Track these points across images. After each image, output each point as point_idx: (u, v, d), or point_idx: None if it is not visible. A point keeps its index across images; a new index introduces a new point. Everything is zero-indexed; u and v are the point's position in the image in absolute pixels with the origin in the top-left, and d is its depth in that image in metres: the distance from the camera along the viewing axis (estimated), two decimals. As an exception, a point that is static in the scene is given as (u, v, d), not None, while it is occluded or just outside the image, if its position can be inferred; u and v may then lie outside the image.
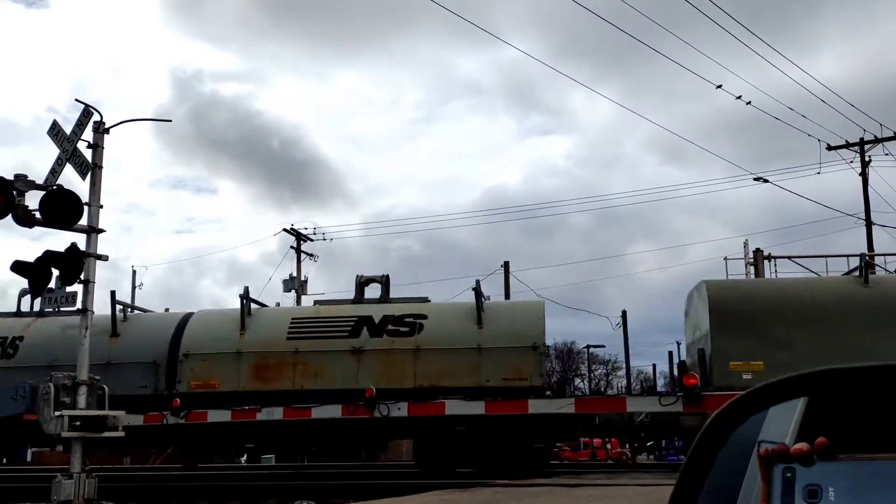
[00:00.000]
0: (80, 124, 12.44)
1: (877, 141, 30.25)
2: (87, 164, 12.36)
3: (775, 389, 1.04)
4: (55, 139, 12.46)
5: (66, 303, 12.53)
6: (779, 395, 1.03)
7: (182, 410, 17.21)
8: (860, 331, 15.26)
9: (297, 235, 39.59)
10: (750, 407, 1.05)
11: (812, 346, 15.14)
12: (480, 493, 12.05)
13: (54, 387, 12.10)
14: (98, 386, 12.47)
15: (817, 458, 0.85)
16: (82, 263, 12.12)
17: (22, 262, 12.23)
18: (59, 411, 11.88)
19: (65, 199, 11.89)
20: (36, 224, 11.77)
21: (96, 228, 12.29)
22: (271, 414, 17.05)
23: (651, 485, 12.29)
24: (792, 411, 1.02)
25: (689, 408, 15.37)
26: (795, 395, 1.02)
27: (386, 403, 16.55)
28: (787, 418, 1.02)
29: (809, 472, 0.84)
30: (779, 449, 0.87)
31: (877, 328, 15.27)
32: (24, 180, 11.68)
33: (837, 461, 0.84)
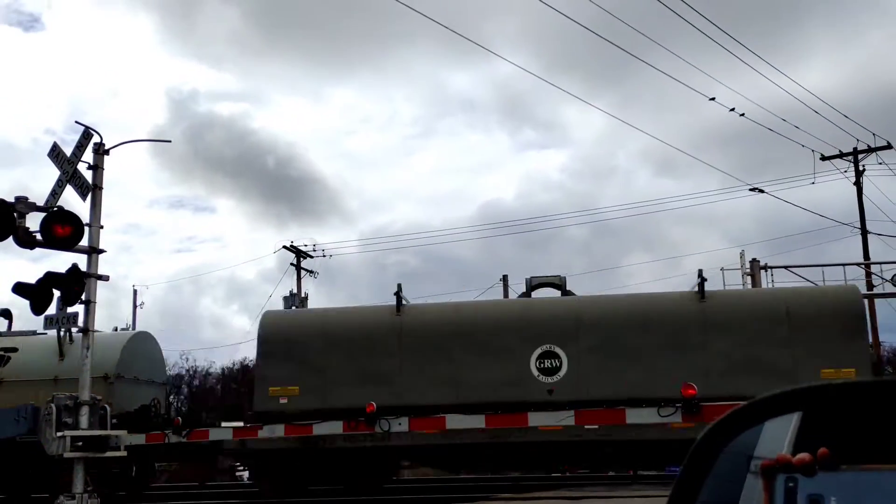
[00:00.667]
0: (80, 146, 12.52)
1: (870, 150, 30.42)
2: (88, 186, 12.42)
3: (768, 404, 1.05)
4: (55, 161, 12.54)
5: (67, 324, 12.54)
6: (772, 410, 1.04)
7: (184, 429, 17.19)
8: (393, 358, 16.32)
9: (297, 252, 39.61)
10: (743, 422, 1.07)
11: (342, 370, 16.29)
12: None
13: (56, 407, 12.11)
14: (100, 406, 12.49)
15: (819, 468, 0.85)
16: (83, 284, 12.16)
17: (23, 284, 12.28)
18: (61, 432, 11.89)
19: (65, 220, 11.95)
20: (37, 245, 11.83)
21: (97, 249, 12.35)
22: (273, 431, 17.02)
23: (652, 496, 12.29)
24: (787, 425, 1.04)
25: (688, 418, 15.37)
26: (789, 410, 1.03)
27: (387, 419, 16.54)
28: (782, 431, 1.04)
29: (811, 482, 0.85)
30: (781, 459, 0.88)
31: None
32: (24, 202, 11.75)
33: (839, 471, 0.85)
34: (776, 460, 0.88)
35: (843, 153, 30.62)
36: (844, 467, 0.86)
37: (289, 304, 37.82)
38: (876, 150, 30.37)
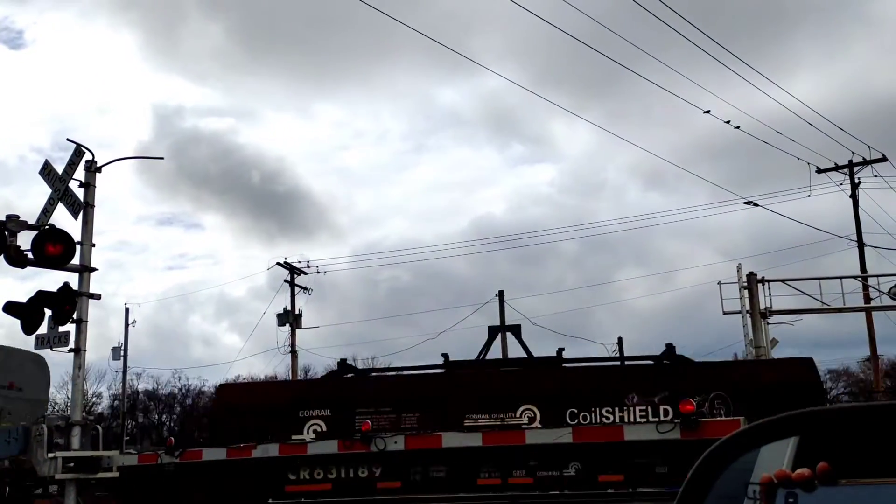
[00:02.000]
0: (72, 163, 12.47)
1: (866, 163, 30.52)
2: (79, 203, 12.37)
3: (766, 429, 1.06)
4: (47, 179, 12.48)
5: (58, 343, 12.44)
6: (770, 434, 1.04)
7: (177, 449, 17.02)
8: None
9: (291, 269, 39.55)
10: (741, 445, 1.06)
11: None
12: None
13: (47, 428, 12.00)
14: (92, 426, 12.37)
15: (819, 483, 0.85)
16: (75, 303, 12.08)
17: (14, 303, 12.19)
18: (52, 453, 11.77)
19: (57, 238, 11.88)
20: (28, 264, 11.76)
21: (88, 267, 12.27)
22: (267, 451, 16.87)
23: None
24: (784, 448, 1.03)
25: (687, 434, 15.30)
26: (786, 435, 1.04)
27: (382, 437, 16.43)
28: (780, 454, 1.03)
29: (811, 497, 0.84)
30: (781, 474, 0.87)
31: None
32: (15, 220, 11.68)
33: (839, 486, 0.84)
34: (776, 476, 0.86)
35: (838, 166, 30.70)
36: (843, 482, 0.83)
37: (282, 322, 37.77)
38: (871, 162, 30.47)
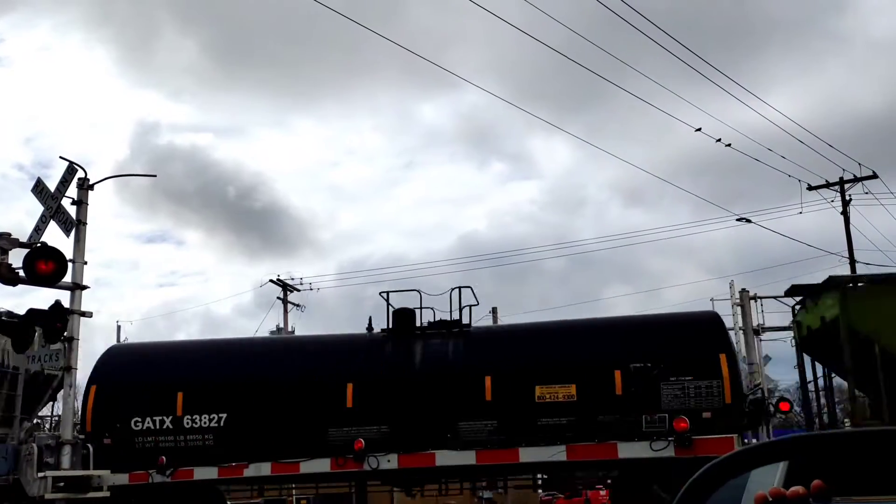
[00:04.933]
0: (65, 181, 12.45)
1: (857, 180, 30.66)
2: (72, 221, 12.34)
3: (755, 454, 1.06)
4: (39, 197, 12.45)
5: (49, 361, 12.37)
6: (759, 459, 1.04)
7: (168, 468, 16.89)
8: None
9: (284, 286, 39.50)
10: (729, 471, 1.06)
11: None
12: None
13: (38, 447, 11.89)
14: (82, 445, 12.27)
15: (813, 501, 0.85)
16: (66, 321, 12.01)
17: (5, 321, 12.12)
18: (42, 472, 11.66)
19: (49, 256, 11.83)
20: (20, 282, 11.69)
21: (80, 285, 12.23)
22: (259, 470, 16.76)
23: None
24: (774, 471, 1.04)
25: (681, 452, 15.26)
26: (775, 460, 1.04)
27: (375, 456, 16.33)
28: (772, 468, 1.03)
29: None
30: (775, 492, 0.87)
31: None
32: (7, 238, 11.64)
33: (834, 502, 0.84)
34: (770, 494, 0.85)
35: (829, 183, 30.84)
36: (838, 499, 0.83)
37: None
38: (862, 179, 30.62)
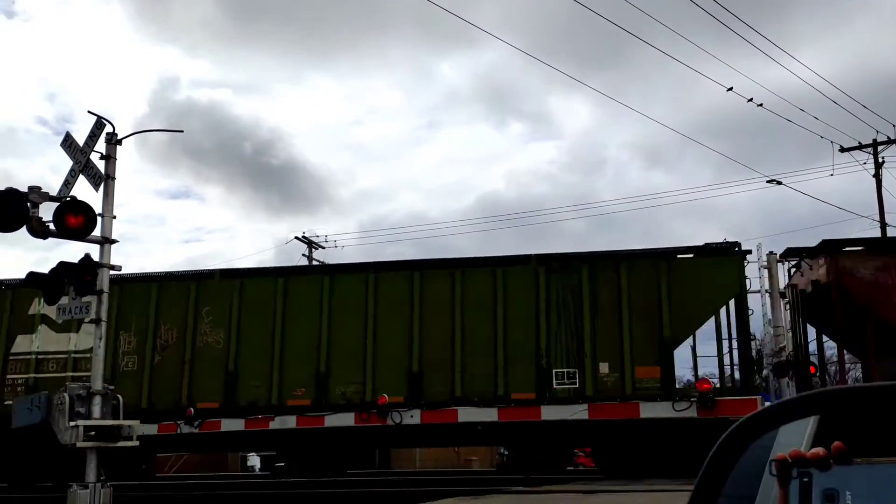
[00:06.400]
0: (93, 136, 12.52)
1: (890, 142, 30.08)
2: (100, 176, 12.43)
3: (785, 409, 1.04)
4: (68, 151, 12.56)
5: (80, 313, 12.58)
6: (790, 414, 1.03)
7: (196, 420, 17.27)
8: None
9: (309, 243, 39.74)
10: (760, 426, 1.05)
11: None
12: (496, 499, 12.01)
13: (69, 397, 12.16)
14: (112, 396, 12.53)
15: (833, 463, 0.84)
16: (96, 274, 12.19)
17: (37, 274, 12.33)
18: (73, 421, 11.93)
19: (78, 210, 11.97)
20: (50, 236, 11.86)
21: (109, 239, 12.37)
22: (285, 423, 17.09)
23: (666, 491, 12.22)
24: (804, 425, 1.02)
25: (704, 413, 15.32)
26: (806, 414, 1.02)
27: (399, 411, 16.58)
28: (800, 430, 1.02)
29: (826, 476, 0.83)
30: (795, 454, 0.86)
31: None
32: (37, 192, 11.78)
33: (853, 465, 0.83)
34: (790, 456, 0.85)
35: (862, 144, 30.29)
36: (858, 461, 0.82)
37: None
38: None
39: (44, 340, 18.56)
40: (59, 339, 18.36)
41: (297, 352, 17.54)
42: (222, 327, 17.96)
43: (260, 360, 17.63)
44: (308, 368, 17.32)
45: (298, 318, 17.70)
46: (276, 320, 17.76)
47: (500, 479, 17.97)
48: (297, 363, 17.46)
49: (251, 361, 17.69)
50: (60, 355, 18.36)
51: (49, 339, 18.51)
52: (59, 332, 18.21)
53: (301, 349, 17.51)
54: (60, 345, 18.39)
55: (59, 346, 18.42)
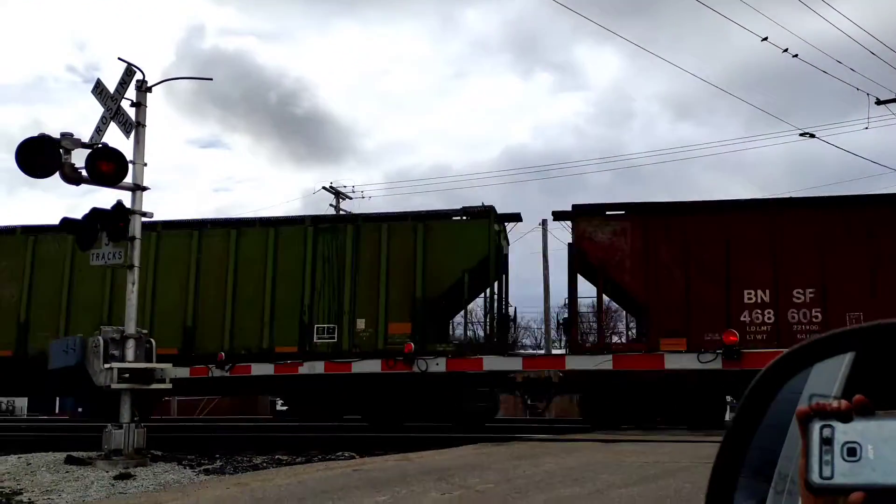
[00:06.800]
0: (123, 83, 12.58)
1: (929, 94, 29.28)
2: (131, 123, 12.52)
3: (823, 345, 1.03)
4: (99, 98, 12.63)
5: (113, 259, 12.80)
6: (826, 350, 1.02)
7: (227, 364, 17.62)
8: None
9: (337, 194, 39.81)
10: (798, 362, 1.05)
11: None
12: (517, 446, 12.19)
13: (103, 340, 12.46)
14: (145, 339, 12.80)
15: (856, 415, 0.85)
16: (128, 220, 12.37)
17: (70, 220, 12.53)
18: (108, 364, 12.24)
19: (110, 157, 12.10)
20: (82, 182, 12.02)
21: (141, 186, 12.51)
22: (313, 368, 17.38)
23: (689, 441, 12.32)
24: (837, 367, 1.02)
25: (729, 365, 15.33)
26: (843, 351, 1.01)
27: (424, 359, 16.78)
28: (832, 374, 1.01)
29: (848, 429, 0.84)
30: (816, 406, 0.87)
31: None
32: (70, 139, 11.90)
33: (877, 417, 0.84)
34: (811, 408, 0.86)
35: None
36: (881, 413, 0.83)
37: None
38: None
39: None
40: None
41: (85, 306, 18.81)
42: (16, 281, 19.35)
43: (50, 312, 19.00)
44: (94, 320, 18.10)
45: (83, 274, 18.73)
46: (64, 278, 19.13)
47: (523, 426, 18.16)
48: (85, 316, 18.61)
49: (42, 314, 19.03)
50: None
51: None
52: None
53: (89, 304, 18.79)
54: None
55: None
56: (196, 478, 11.16)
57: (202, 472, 11.84)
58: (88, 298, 18.85)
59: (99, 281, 18.62)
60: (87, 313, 18.59)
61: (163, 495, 8.33)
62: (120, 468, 11.17)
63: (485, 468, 9.06)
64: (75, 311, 18.87)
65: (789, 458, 0.99)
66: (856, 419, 0.83)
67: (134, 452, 11.87)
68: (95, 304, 18.72)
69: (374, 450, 13.91)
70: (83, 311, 18.75)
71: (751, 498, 1.06)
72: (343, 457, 13.20)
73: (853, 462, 0.82)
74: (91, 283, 18.72)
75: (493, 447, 12.17)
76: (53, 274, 19.15)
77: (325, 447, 14.55)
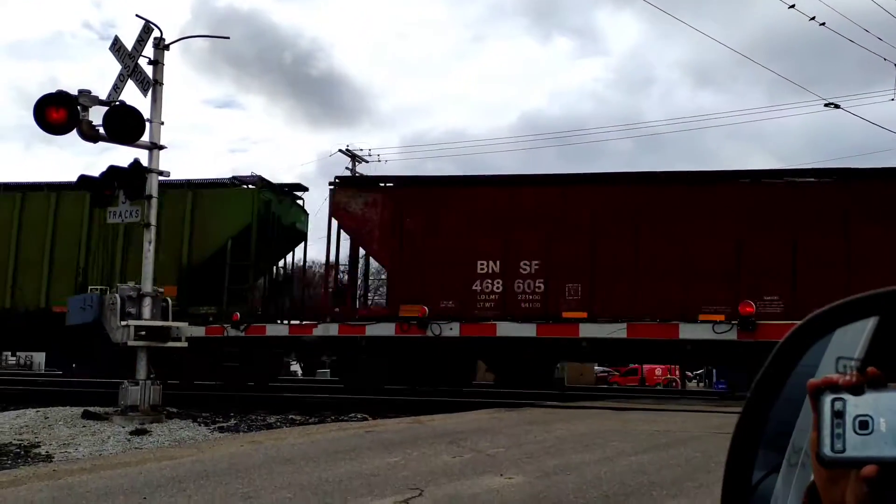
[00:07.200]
0: (141, 40, 12.51)
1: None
2: (149, 81, 12.48)
3: (846, 309, 1.01)
4: (117, 55, 12.57)
5: (130, 217, 12.85)
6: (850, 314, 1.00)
7: (242, 324, 17.75)
8: None
9: (353, 156, 39.71)
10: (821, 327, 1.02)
11: None
12: (530, 412, 12.25)
13: (120, 297, 12.55)
14: (162, 298, 12.89)
15: (867, 388, 0.83)
16: (145, 179, 12.38)
17: (88, 177, 12.56)
18: (125, 321, 12.35)
19: (127, 115, 12.08)
20: (100, 139, 12.01)
21: (158, 145, 12.50)
22: (328, 330, 17.49)
23: (700, 411, 12.34)
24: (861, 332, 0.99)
25: (744, 336, 15.28)
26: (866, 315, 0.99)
27: (438, 323, 16.82)
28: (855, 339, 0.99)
29: (860, 402, 0.82)
30: (827, 381, 0.85)
31: None
32: (87, 96, 11.88)
33: (889, 389, 0.82)
34: (822, 381, 0.84)
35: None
36: (893, 385, 0.82)
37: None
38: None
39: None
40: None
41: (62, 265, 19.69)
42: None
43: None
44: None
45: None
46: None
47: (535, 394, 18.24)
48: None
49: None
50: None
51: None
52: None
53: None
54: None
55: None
56: (210, 435, 11.31)
57: (216, 430, 11.99)
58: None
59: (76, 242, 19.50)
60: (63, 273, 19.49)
61: (178, 451, 8.45)
62: (136, 424, 11.32)
63: (496, 433, 9.11)
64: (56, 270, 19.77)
65: (804, 430, 0.97)
66: (867, 392, 0.82)
67: (150, 409, 12.02)
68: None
69: (386, 412, 14.03)
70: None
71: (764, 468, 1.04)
72: (356, 418, 13.33)
73: (865, 435, 0.80)
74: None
75: (505, 412, 12.23)
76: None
77: (337, 408, 14.69)
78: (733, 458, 1.06)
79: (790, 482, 1.04)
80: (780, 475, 1.05)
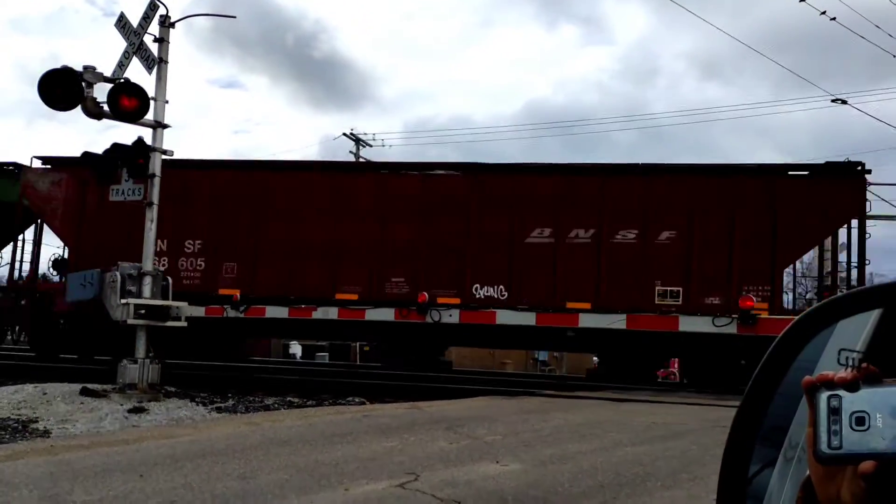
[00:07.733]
0: (146, 17, 12.46)
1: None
2: (154, 58, 12.43)
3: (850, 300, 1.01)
4: (122, 32, 12.53)
5: (132, 195, 12.85)
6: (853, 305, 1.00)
7: (242, 304, 17.77)
8: None
9: (357, 140, 39.67)
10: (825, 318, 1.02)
11: None
12: (527, 401, 12.27)
13: (121, 276, 12.55)
14: (162, 277, 12.89)
15: (863, 384, 0.83)
16: (148, 157, 12.36)
17: (91, 154, 12.54)
18: (125, 299, 12.35)
19: (132, 92, 12.05)
20: (104, 116, 11.98)
21: (162, 123, 12.47)
22: (327, 313, 17.51)
23: (697, 404, 12.35)
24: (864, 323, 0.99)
25: (744, 330, 15.30)
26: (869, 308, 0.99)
27: (438, 309, 16.83)
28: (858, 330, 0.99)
29: (856, 398, 0.83)
30: (823, 377, 0.85)
31: None
32: (92, 72, 11.84)
33: (884, 385, 0.82)
34: (818, 378, 0.84)
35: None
36: (888, 381, 0.82)
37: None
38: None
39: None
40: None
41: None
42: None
43: None
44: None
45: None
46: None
47: (533, 382, 18.26)
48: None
49: None
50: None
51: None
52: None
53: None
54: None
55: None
56: (208, 415, 11.33)
57: (214, 410, 12.01)
58: None
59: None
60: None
61: (175, 430, 8.47)
62: (134, 402, 11.35)
63: (493, 420, 9.13)
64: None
65: (801, 425, 0.97)
66: (863, 388, 0.82)
67: (148, 387, 12.05)
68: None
69: (384, 397, 14.05)
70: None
71: (760, 462, 1.04)
72: (354, 402, 13.36)
73: (862, 431, 0.81)
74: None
75: (503, 400, 12.26)
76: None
77: (336, 392, 14.72)
78: (730, 451, 1.05)
79: (786, 477, 1.04)
80: (776, 469, 1.05)
